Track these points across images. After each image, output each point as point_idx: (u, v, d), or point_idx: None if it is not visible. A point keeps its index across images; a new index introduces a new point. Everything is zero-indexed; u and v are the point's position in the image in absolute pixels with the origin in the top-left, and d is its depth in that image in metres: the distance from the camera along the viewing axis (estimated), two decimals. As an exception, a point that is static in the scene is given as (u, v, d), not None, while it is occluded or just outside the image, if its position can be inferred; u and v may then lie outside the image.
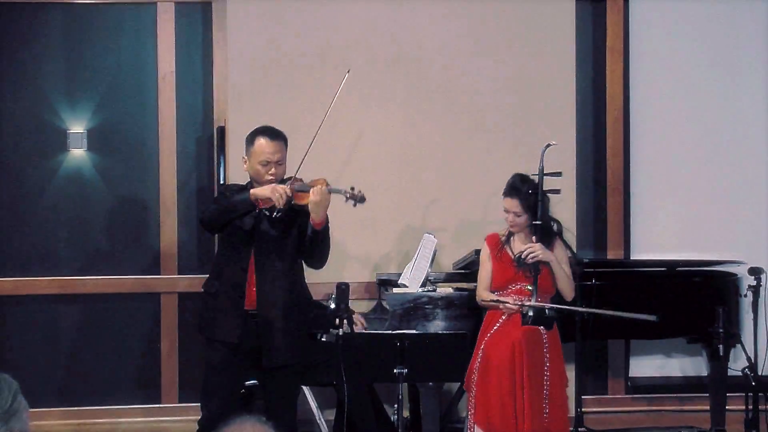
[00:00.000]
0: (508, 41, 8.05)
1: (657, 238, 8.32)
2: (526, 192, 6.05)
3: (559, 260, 6.08)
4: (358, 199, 5.97)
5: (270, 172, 6.00)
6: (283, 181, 6.00)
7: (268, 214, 5.92)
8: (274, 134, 6.12)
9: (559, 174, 6.06)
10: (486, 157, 7.88)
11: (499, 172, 6.26)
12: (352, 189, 5.94)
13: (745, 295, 6.94)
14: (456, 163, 8.00)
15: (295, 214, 5.96)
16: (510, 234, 6.20)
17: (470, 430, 6.07)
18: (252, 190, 5.87)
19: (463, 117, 8.04)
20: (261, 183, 5.99)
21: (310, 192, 5.85)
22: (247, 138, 6.14)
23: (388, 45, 8.01)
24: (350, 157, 7.95)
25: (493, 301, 6.05)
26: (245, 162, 6.11)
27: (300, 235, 6.00)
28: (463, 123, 8.03)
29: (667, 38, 8.36)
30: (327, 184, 5.87)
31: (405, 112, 8.02)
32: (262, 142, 6.05)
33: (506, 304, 6.01)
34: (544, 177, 6.06)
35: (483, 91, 8.05)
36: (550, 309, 5.86)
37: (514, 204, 6.09)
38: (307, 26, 7.97)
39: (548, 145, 6.00)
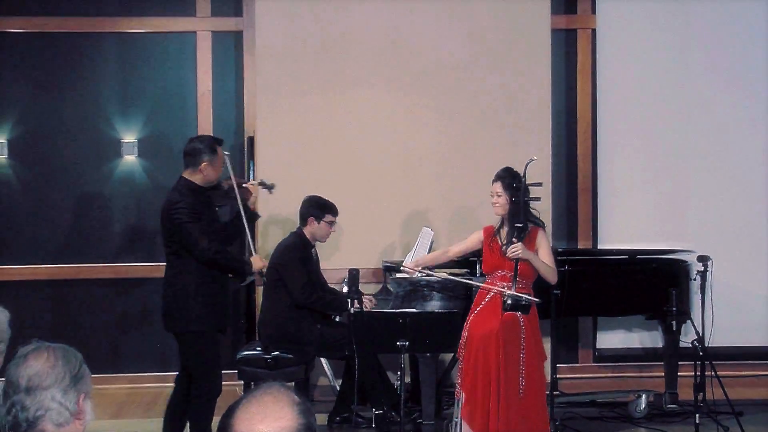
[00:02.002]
0: (494, 64, 8.06)
1: (620, 230, 8.35)
2: (506, 176, 6.06)
3: (543, 252, 6.05)
4: (268, 186, 6.49)
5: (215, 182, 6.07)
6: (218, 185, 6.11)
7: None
8: (221, 141, 6.18)
9: (539, 184, 6.06)
10: (475, 162, 7.89)
11: (486, 175, 6.25)
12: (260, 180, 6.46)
13: (695, 279, 6.95)
14: (450, 167, 8.02)
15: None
16: (500, 225, 6.15)
17: (457, 396, 6.04)
18: (254, 268, 6.09)
19: (455, 128, 8.05)
20: (212, 182, 5.99)
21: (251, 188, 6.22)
22: (205, 149, 5.92)
23: (394, 69, 8.03)
24: (358, 161, 7.97)
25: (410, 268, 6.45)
26: (204, 168, 5.90)
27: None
28: (456, 133, 8.04)
29: (628, 63, 8.38)
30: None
31: (407, 124, 8.04)
32: (220, 150, 6.00)
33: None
34: (528, 187, 6.05)
35: (473, 106, 8.06)
36: (527, 299, 5.86)
37: (497, 186, 6.07)
38: (324, 52, 7.98)
39: (531, 161, 6.00)
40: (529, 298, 5.86)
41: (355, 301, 5.92)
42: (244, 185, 6.20)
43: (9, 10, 8.12)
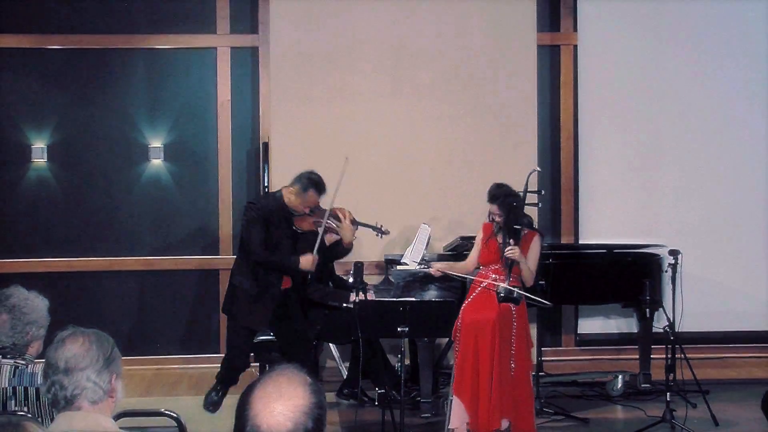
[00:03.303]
0: (486, 77, 8.08)
1: (600, 227, 8.36)
2: (502, 196, 6.01)
3: (532, 257, 6.02)
4: (384, 232, 6.30)
5: (308, 212, 6.10)
6: (312, 211, 6.08)
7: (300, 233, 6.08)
8: (322, 190, 6.17)
9: (540, 192, 6.07)
10: (468, 165, 7.90)
11: (477, 178, 6.29)
12: (379, 225, 6.23)
13: (666, 271, 6.93)
14: (445, 170, 8.03)
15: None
16: (499, 228, 6.10)
17: (456, 376, 6.00)
18: (300, 264, 6.02)
19: (451, 134, 8.06)
20: (297, 211, 6.08)
21: (342, 229, 6.05)
22: (302, 183, 6.16)
23: (395, 81, 8.04)
24: (362, 164, 7.98)
25: (454, 274, 6.25)
26: (293, 194, 6.14)
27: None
28: (452, 139, 8.06)
29: (607, 76, 8.39)
30: (353, 217, 6.07)
31: (406, 131, 8.05)
32: (312, 194, 6.12)
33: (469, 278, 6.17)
34: (528, 194, 6.05)
35: (467, 115, 8.07)
36: (518, 292, 5.85)
37: (495, 208, 6.02)
38: (331, 66, 8.00)
39: (534, 171, 6.10)
40: (520, 292, 5.87)
41: (360, 290, 5.91)
42: (333, 224, 6.18)
43: (50, 29, 8.14)
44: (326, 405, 2.12)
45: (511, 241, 5.92)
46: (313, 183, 6.19)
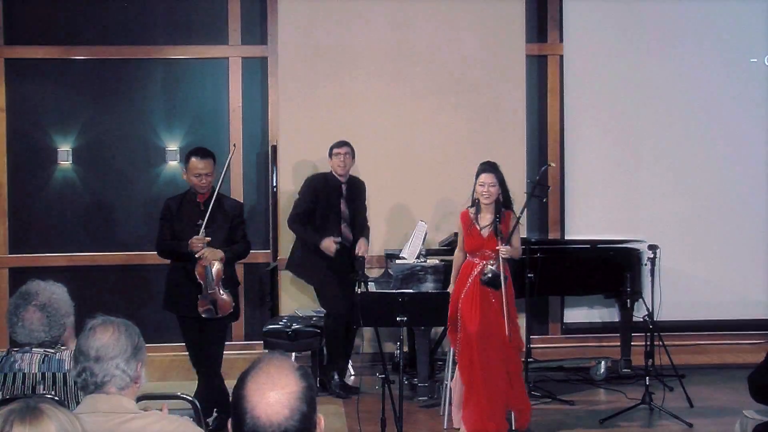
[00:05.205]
0: (480, 85, 8.09)
1: (584, 224, 8.36)
2: (497, 169, 5.93)
3: (516, 237, 5.93)
4: None
5: (201, 182, 5.68)
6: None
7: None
8: (204, 154, 5.72)
9: (548, 187, 6.19)
10: (462, 167, 7.86)
11: (471, 177, 6.24)
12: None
13: (645, 264, 6.97)
14: (441, 171, 8.04)
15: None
16: (477, 212, 5.96)
17: (457, 364, 5.94)
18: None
19: (447, 137, 8.07)
20: (195, 187, 5.71)
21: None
22: (184, 157, 5.72)
23: (394, 88, 8.06)
24: (363, 165, 8.00)
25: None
26: (184, 174, 5.76)
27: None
28: (447, 142, 8.07)
29: (590, 84, 8.39)
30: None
31: (404, 134, 8.06)
32: (193, 160, 5.67)
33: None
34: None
35: (461, 120, 8.09)
36: (505, 278, 5.84)
37: (491, 177, 5.85)
38: (334, 74, 8.01)
39: (547, 166, 6.55)
40: (506, 276, 5.82)
41: (362, 282, 5.90)
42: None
43: (75, 41, 8.16)
44: (315, 386, 2.11)
45: (501, 226, 5.85)
46: (190, 151, 5.76)
